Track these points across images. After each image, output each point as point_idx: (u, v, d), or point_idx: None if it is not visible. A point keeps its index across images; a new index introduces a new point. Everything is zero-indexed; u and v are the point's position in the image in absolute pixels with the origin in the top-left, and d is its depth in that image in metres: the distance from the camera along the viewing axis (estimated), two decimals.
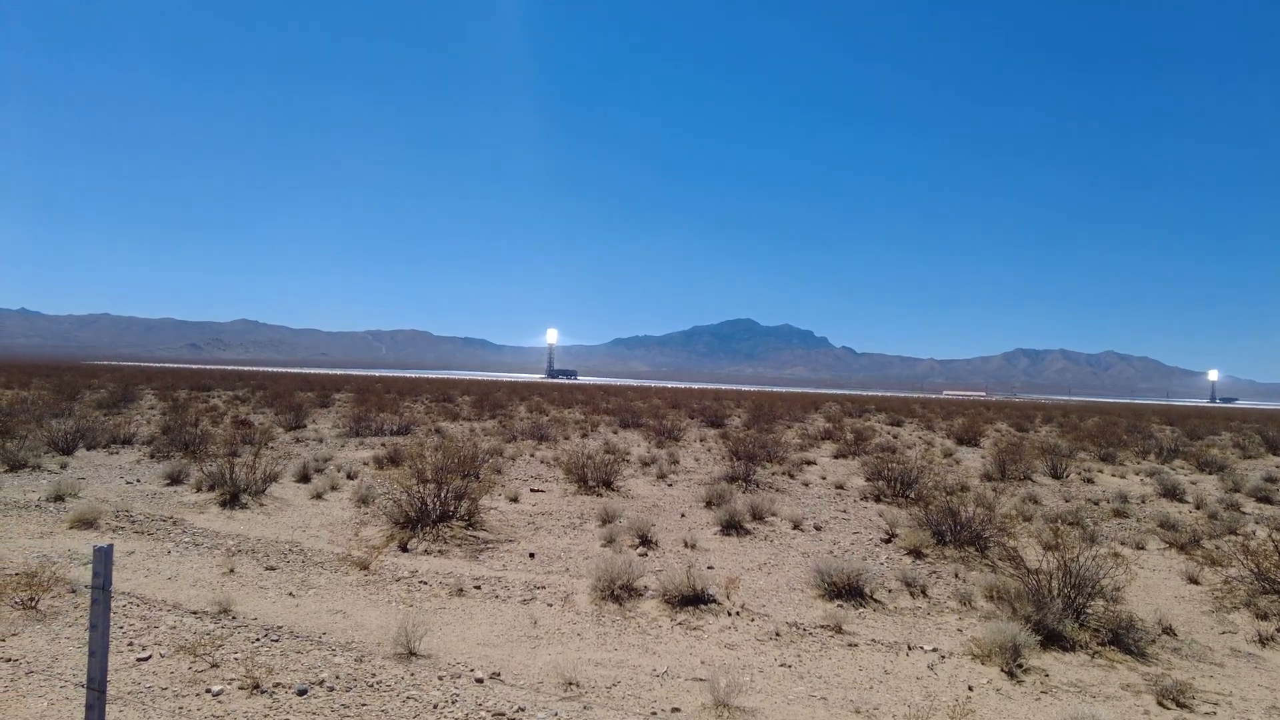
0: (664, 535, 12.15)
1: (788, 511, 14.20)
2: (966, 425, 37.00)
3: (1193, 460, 26.93)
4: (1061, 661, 7.50)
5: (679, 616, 8.27)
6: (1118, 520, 15.28)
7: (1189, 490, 19.43)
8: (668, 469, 19.53)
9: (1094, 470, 23.74)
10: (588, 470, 16.45)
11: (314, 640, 7.08)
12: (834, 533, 13.01)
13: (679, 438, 28.64)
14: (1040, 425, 49.20)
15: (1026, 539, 12.05)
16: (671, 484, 17.64)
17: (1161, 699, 6.64)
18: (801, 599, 9.17)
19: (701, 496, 15.31)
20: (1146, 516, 15.54)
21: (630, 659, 7.06)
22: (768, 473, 19.75)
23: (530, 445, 24.13)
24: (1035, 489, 18.66)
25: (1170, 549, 12.75)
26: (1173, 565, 11.64)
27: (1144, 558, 12.15)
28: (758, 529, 12.98)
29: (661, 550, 11.28)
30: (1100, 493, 18.86)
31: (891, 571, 10.33)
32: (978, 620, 8.55)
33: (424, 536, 11.33)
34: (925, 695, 6.50)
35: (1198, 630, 8.75)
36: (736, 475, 18.21)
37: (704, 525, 13.11)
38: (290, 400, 39.67)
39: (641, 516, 13.08)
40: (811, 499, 16.40)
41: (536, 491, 15.80)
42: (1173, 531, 13.77)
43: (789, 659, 7.23)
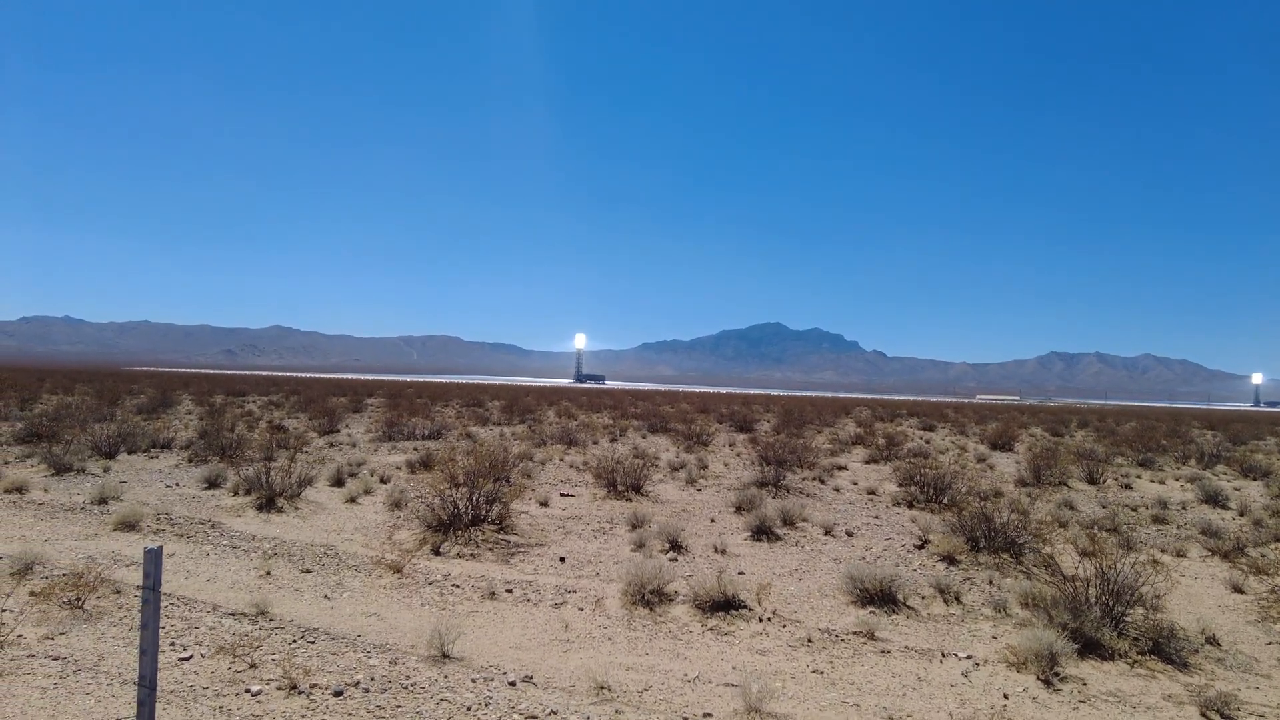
0: (694, 540, 12.14)
1: (819, 517, 14.12)
2: (1000, 430, 36.48)
3: (1236, 466, 26.28)
4: (1100, 670, 7.37)
5: (710, 622, 8.27)
6: (1157, 527, 14.97)
7: (1232, 496, 18.97)
8: (697, 474, 19.51)
9: (1132, 476, 23.28)
10: (617, 475, 16.49)
11: (349, 642, 7.19)
12: (866, 539, 12.91)
13: (707, 443, 28.59)
14: (1076, 430, 48.33)
15: (1062, 545, 11.87)
16: (700, 489, 17.62)
17: (1205, 710, 6.50)
18: (833, 605, 9.11)
19: (731, 502, 15.26)
20: (1187, 523, 15.21)
21: (661, 664, 7.08)
22: (798, 478, 19.63)
23: (559, 450, 24.23)
24: (1071, 495, 18.33)
25: (1213, 557, 12.46)
26: (1215, 573, 11.37)
27: (1185, 565, 11.89)
28: (788, 534, 12.91)
29: (691, 555, 11.27)
30: (1139, 499, 18.49)
31: (924, 578, 10.21)
32: (1013, 628, 8.43)
33: (456, 540, 11.43)
34: (960, 703, 6.43)
35: (1243, 640, 8.55)
36: (766, 480, 18.14)
37: (734, 530, 13.08)
38: (323, 405, 40.27)
39: (671, 521, 13.08)
40: (843, 504, 16.28)
41: (566, 496, 15.87)
42: (1215, 539, 13.45)
43: (821, 665, 7.19)
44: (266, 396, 55.46)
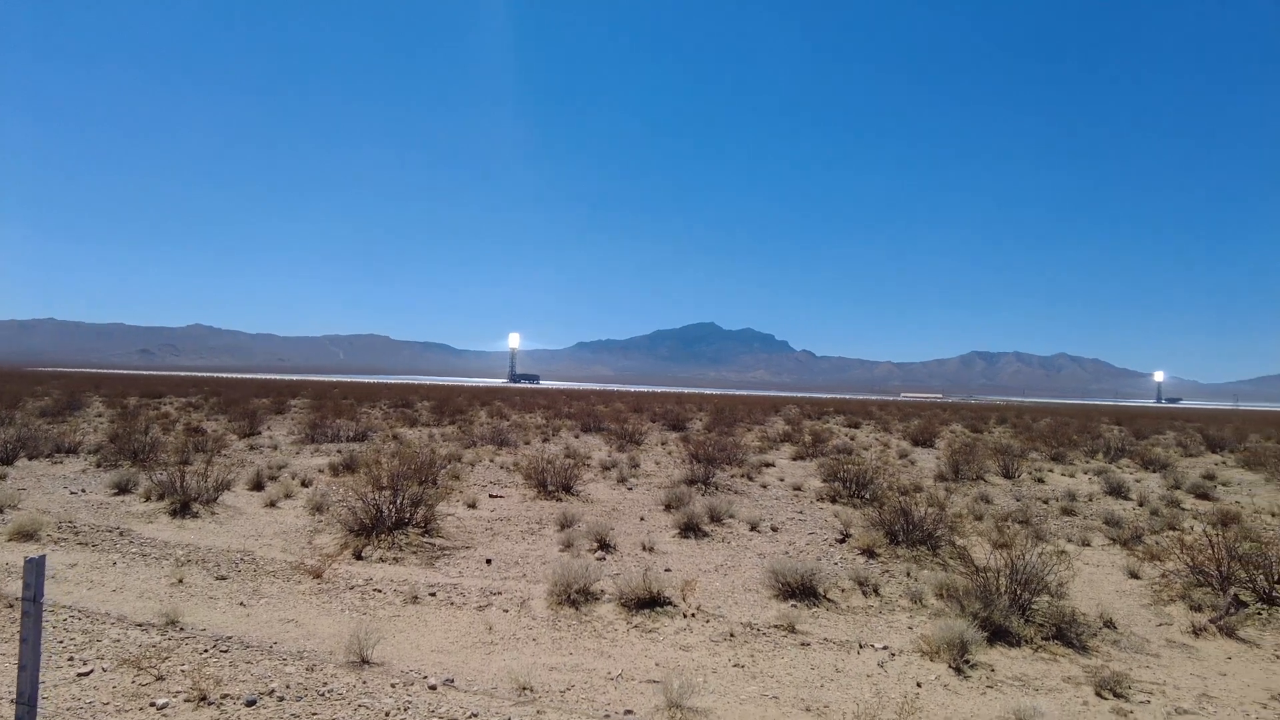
0: (623, 539, 12.19)
1: (746, 513, 14.33)
2: (922, 427, 37.67)
3: (1138, 459, 27.74)
4: (1007, 656, 7.69)
5: (635, 619, 8.32)
6: (1066, 518, 15.70)
7: (1133, 488, 20.01)
8: (628, 473, 19.58)
9: (1045, 470, 24.34)
10: (547, 475, 16.42)
11: (265, 650, 6.98)
12: (790, 534, 13.17)
13: (640, 441, 28.72)
14: (994, 426, 50.22)
15: (976, 538, 12.35)
16: (632, 488, 17.68)
17: (1100, 690, 6.85)
18: (757, 600, 9.28)
19: (661, 500, 15.37)
20: (1093, 514, 15.99)
21: (585, 663, 7.09)
22: (727, 475, 19.89)
23: (490, 451, 23.99)
24: (987, 489, 19.07)
25: (1113, 545, 13.13)
26: (1115, 561, 11.98)
27: (1089, 554, 12.50)
28: (716, 531, 13.08)
29: (620, 554, 11.32)
30: (1050, 492, 19.34)
31: (845, 571, 10.48)
32: (928, 618, 8.73)
33: (379, 544, 11.21)
34: (875, 692, 6.63)
35: (1136, 623, 9.03)
36: (696, 478, 18.33)
37: (663, 528, 13.18)
38: (245, 407, 38.92)
39: (600, 520, 13.11)
40: (769, 501, 16.57)
41: (495, 497, 15.72)
42: (1116, 528, 14.19)
43: (742, 659, 7.31)
44: (185, 398, 53.30)
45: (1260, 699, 6.95)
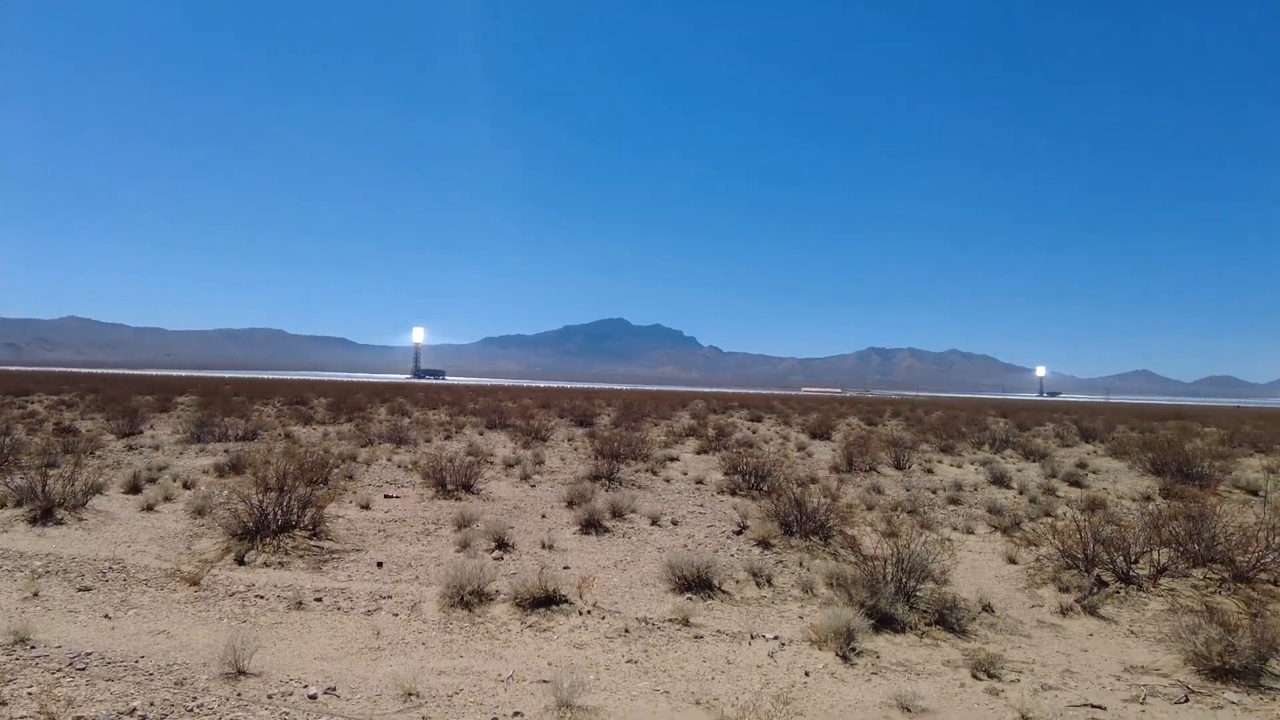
0: (522, 537, 12.04)
1: (648, 508, 14.41)
2: (820, 420, 38.82)
3: (1020, 450, 29.32)
4: (892, 643, 7.98)
5: (530, 619, 8.23)
6: (952, 507, 16.43)
7: (1015, 477, 21.10)
8: (532, 470, 19.38)
9: (934, 461, 25.44)
10: (447, 474, 16.06)
11: (128, 665, 6.54)
12: (690, 527, 13.32)
13: (546, 438, 28.49)
14: (888, 419, 52.17)
15: (867, 527, 12.77)
16: (535, 485, 17.50)
17: (975, 672, 7.20)
18: (653, 594, 9.33)
19: (563, 497, 15.28)
20: (977, 503, 16.78)
21: (476, 665, 6.96)
22: (632, 471, 19.94)
23: (388, 449, 23.30)
24: (880, 479, 19.78)
25: (995, 532, 13.81)
26: (996, 547, 12.60)
27: (972, 541, 13.11)
28: (617, 526, 13.09)
29: (518, 553, 11.18)
30: (939, 482, 20.21)
31: (740, 563, 10.66)
32: (818, 607, 8.96)
33: (264, 548, 10.70)
34: (764, 682, 6.76)
35: (1012, 606, 9.52)
36: (600, 474, 18.30)
37: (564, 525, 13.10)
38: (125, 405, 36.53)
39: (500, 519, 12.92)
40: (672, 495, 16.71)
41: (390, 497, 15.27)
42: (998, 516, 14.94)
43: (636, 655, 7.33)
44: (57, 395, 49.62)
45: (1115, 671, 7.45)
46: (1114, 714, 6.46)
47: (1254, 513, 11.55)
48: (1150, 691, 6.94)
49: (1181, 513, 11.43)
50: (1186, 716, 6.46)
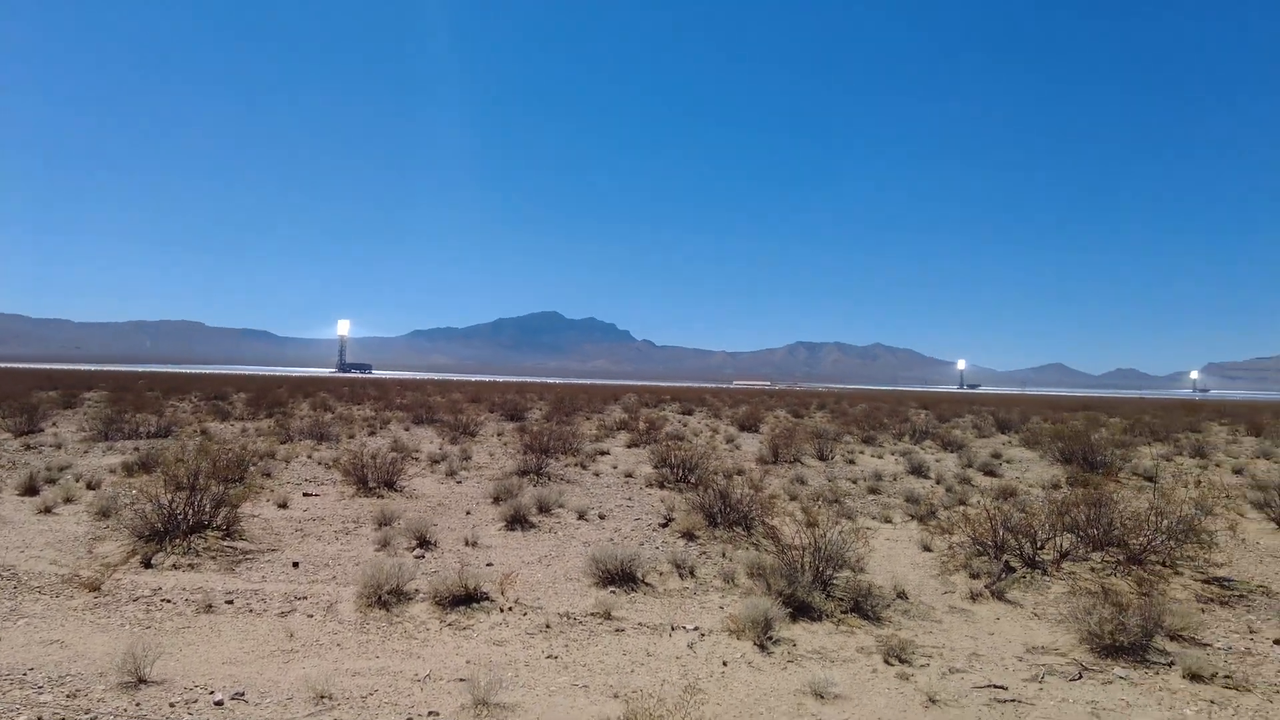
0: (445, 535, 11.88)
1: (575, 502, 14.39)
2: (749, 413, 39.40)
3: (939, 441, 30.35)
4: (809, 631, 8.17)
5: (449, 617, 8.12)
6: (872, 497, 16.90)
7: (933, 467, 21.83)
8: (458, 466, 19.11)
9: (857, 452, 26.13)
10: (369, 471, 15.72)
11: (15, 679, 6.20)
12: (617, 520, 13.36)
13: (475, 433, 28.14)
14: (814, 412, 53.29)
15: (787, 518, 13.02)
16: (461, 481, 17.28)
17: (888, 657, 7.42)
18: (577, 589, 9.33)
19: (490, 492, 15.13)
20: (896, 492, 17.30)
21: (392, 665, 6.84)
22: (561, 465, 19.88)
23: (309, 446, 22.66)
24: (804, 471, 20.22)
25: (911, 521, 14.26)
26: (912, 535, 13.00)
27: (889, 530, 13.51)
28: (544, 522, 13.03)
29: (441, 551, 11.02)
30: (860, 472, 20.75)
31: (665, 555, 10.76)
32: (738, 597, 9.10)
33: (173, 550, 10.28)
34: (683, 673, 6.84)
35: (925, 592, 9.85)
36: (529, 469, 18.18)
37: (489, 522, 12.97)
38: (23, 401, 34.53)
39: (423, 517, 12.68)
40: (601, 489, 16.73)
41: (310, 496, 14.86)
42: (914, 505, 15.42)
43: (557, 650, 7.32)
44: None
45: (1018, 652, 7.79)
46: (1014, 693, 6.75)
47: (1147, 498, 12.21)
48: (1048, 670, 7.28)
49: (1084, 500, 11.99)
50: (1079, 692, 6.79)
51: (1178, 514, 11.17)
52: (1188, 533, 10.87)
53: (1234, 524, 13.14)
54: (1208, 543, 10.99)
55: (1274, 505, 14.15)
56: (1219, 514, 13.09)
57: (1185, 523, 10.99)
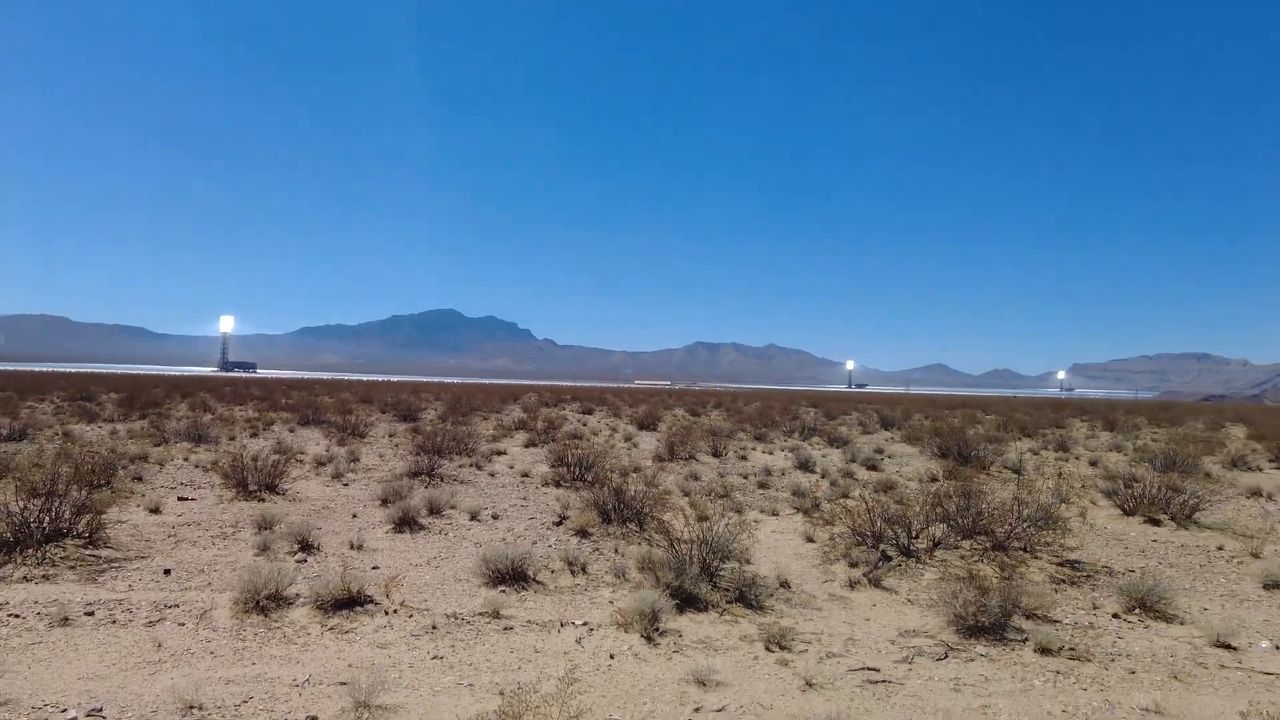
0: (329, 538, 11.53)
1: (468, 503, 14.22)
2: (648, 412, 39.86)
3: (826, 437, 31.56)
4: (695, 622, 8.38)
5: (331, 621, 7.91)
6: (761, 491, 17.43)
7: (819, 462, 22.66)
8: (346, 468, 18.54)
9: (749, 448, 26.85)
10: (249, 473, 15.04)
11: None
12: (511, 520, 13.30)
13: (364, 434, 27.34)
14: (711, 410, 54.32)
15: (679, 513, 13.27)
16: (348, 484, 16.77)
17: (769, 645, 7.70)
18: (466, 589, 9.25)
19: (378, 495, 14.75)
20: (783, 486, 17.88)
21: (269, 671, 6.61)
22: (455, 466, 19.59)
23: (186, 448, 21.48)
24: (698, 467, 20.63)
25: (797, 514, 14.78)
26: (797, 527, 13.47)
27: (775, 522, 13.98)
28: (434, 523, 12.82)
29: (324, 554, 10.69)
30: (751, 468, 21.33)
31: (557, 553, 10.79)
32: (629, 591, 9.24)
33: (25, 560, 9.57)
34: (570, 667, 6.89)
35: (807, 581, 10.24)
36: (420, 470, 17.83)
37: (376, 524, 12.66)
38: None
39: (307, 520, 12.26)
40: (496, 489, 16.59)
41: (185, 500, 14.11)
42: (800, 498, 16.00)
43: (443, 650, 7.25)
44: None
45: (891, 636, 8.23)
46: (886, 674, 7.13)
47: (1012, 490, 13.09)
48: (918, 652, 7.73)
49: (956, 491, 12.75)
50: (944, 671, 7.24)
51: (1037, 503, 12.05)
52: (1046, 520, 11.74)
53: (1084, 511, 14.21)
54: (1062, 529, 11.93)
55: (1121, 493, 15.41)
56: (1074, 502, 14.16)
57: (1044, 511, 11.86)
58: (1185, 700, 6.66)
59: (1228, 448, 27.69)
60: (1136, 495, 14.98)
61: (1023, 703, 6.52)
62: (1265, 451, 27.18)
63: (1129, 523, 14.30)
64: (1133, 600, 9.25)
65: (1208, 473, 21.22)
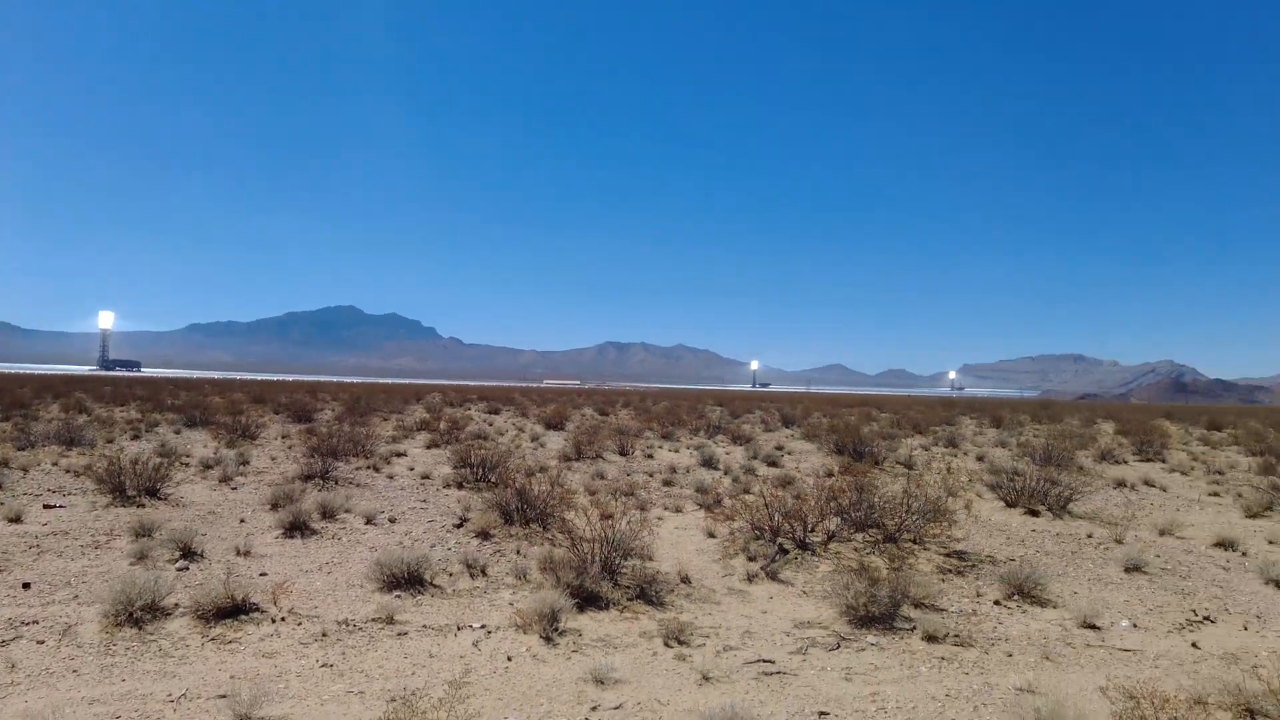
0: (215, 544, 10.95)
1: (364, 506, 13.78)
2: (556, 411, 39.61)
3: (730, 435, 32.13)
4: (595, 620, 8.38)
5: (213, 631, 7.52)
6: (666, 489, 17.58)
7: (723, 460, 23.05)
8: (234, 471, 17.67)
9: (656, 447, 27.06)
10: (127, 477, 14.14)
11: None
12: (409, 523, 12.96)
13: (256, 436, 26.11)
14: (620, 410, 54.51)
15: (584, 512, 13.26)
16: (237, 487, 15.98)
17: (668, 640, 7.78)
18: (359, 595, 8.96)
19: (269, 498, 14.10)
20: (688, 484, 18.08)
21: (142, 688, 6.22)
22: (352, 468, 18.96)
23: (55, 451, 20.00)
24: (604, 466, 20.64)
25: (700, 510, 14.99)
26: (699, 523, 13.64)
27: (679, 519, 14.13)
28: (328, 528, 12.37)
29: (208, 562, 10.15)
30: (657, 466, 21.52)
31: (456, 555, 10.59)
32: (529, 592, 9.16)
33: None
34: (465, 671, 6.78)
35: (708, 576, 10.39)
36: (314, 473, 17.16)
37: (266, 529, 12.12)
38: None
39: (190, 526, 11.60)
40: (394, 491, 16.14)
41: (52, 507, 13.13)
42: (703, 495, 16.24)
43: (333, 658, 7.00)
44: None
45: (786, 628, 8.44)
46: (780, 665, 7.31)
47: (903, 484, 13.63)
48: (811, 642, 7.96)
49: (850, 486, 13.20)
50: (836, 660, 7.48)
51: (926, 497, 12.61)
52: (934, 513, 12.30)
53: (970, 504, 14.98)
54: (949, 521, 12.53)
55: (1004, 487, 16.33)
56: (960, 496, 14.90)
57: (932, 504, 12.43)
58: (1055, 678, 7.10)
59: (1099, 443, 29.67)
60: (1018, 488, 15.91)
61: (909, 689, 6.80)
62: (1130, 445, 29.27)
63: (1011, 514, 15.14)
64: (1012, 587, 9.81)
65: (1081, 466, 22.76)
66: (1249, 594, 10.28)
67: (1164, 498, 18.09)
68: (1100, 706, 6.41)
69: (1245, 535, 13.63)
